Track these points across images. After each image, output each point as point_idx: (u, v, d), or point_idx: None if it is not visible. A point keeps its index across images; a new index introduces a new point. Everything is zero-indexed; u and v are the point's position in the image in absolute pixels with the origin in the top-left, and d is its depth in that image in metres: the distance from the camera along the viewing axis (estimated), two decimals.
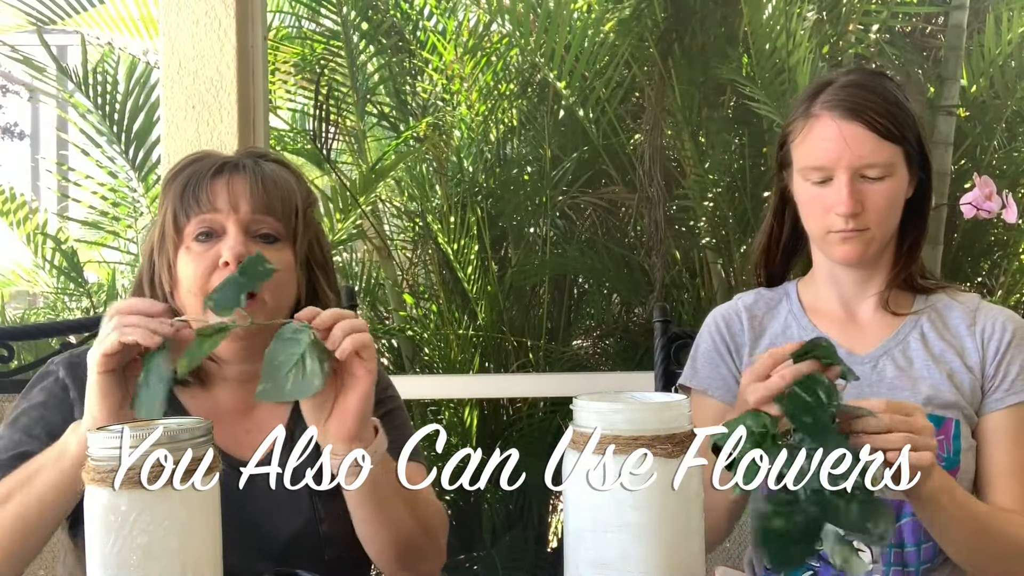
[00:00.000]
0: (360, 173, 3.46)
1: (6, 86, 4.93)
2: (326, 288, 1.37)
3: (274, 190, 1.30)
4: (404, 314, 3.58)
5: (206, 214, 1.27)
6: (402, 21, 3.48)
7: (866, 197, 1.37)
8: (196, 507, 0.92)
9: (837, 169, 1.37)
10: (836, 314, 1.49)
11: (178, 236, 1.28)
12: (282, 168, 1.36)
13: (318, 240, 1.38)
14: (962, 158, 3.37)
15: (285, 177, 1.34)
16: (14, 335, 1.76)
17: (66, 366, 1.32)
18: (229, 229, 1.27)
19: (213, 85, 2.26)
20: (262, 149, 1.40)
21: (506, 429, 3.41)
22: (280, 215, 1.30)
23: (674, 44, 3.33)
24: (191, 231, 1.27)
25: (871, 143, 1.36)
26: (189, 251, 1.27)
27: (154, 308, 1.09)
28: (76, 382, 1.29)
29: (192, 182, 1.29)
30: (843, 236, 1.39)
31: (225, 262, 1.24)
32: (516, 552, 3.28)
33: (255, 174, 1.30)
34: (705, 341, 1.54)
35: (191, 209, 1.27)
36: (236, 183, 1.29)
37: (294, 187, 1.34)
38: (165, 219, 1.30)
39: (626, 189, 3.36)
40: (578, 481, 0.94)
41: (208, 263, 1.26)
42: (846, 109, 1.37)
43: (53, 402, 1.30)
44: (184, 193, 1.28)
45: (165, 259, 1.29)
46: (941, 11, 3.35)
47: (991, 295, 3.32)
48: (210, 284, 1.25)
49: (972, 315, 1.46)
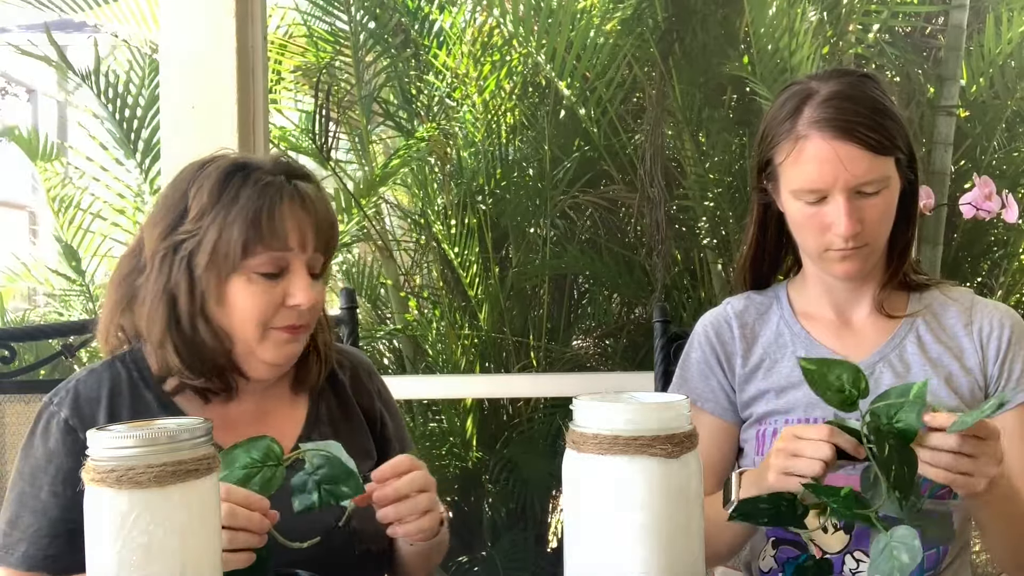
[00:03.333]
0: (365, 175, 3.47)
1: (6, 88, 4.93)
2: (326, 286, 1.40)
3: (330, 229, 1.30)
4: (410, 317, 3.59)
5: (276, 252, 1.24)
6: (409, 21, 3.48)
7: (863, 212, 1.33)
8: (196, 507, 0.92)
9: (833, 190, 1.32)
10: (829, 320, 1.47)
11: (242, 263, 1.24)
12: (320, 192, 1.32)
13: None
14: (962, 158, 3.37)
15: (329, 206, 1.32)
16: (15, 336, 1.76)
17: (69, 405, 1.27)
18: (296, 269, 1.26)
19: (213, 85, 2.26)
20: (294, 164, 1.34)
21: (506, 429, 3.41)
22: (332, 252, 1.32)
23: (675, 44, 3.34)
24: (256, 264, 1.24)
25: (866, 161, 1.31)
26: (251, 283, 1.24)
27: (259, 525, 1.07)
28: (83, 421, 1.26)
29: (265, 209, 1.23)
30: (843, 254, 1.35)
31: (295, 304, 1.25)
32: (516, 552, 3.28)
33: (316, 207, 1.27)
34: (695, 351, 1.52)
35: (264, 241, 1.23)
36: (303, 217, 1.26)
37: (335, 217, 1.33)
38: (228, 240, 1.23)
39: (627, 189, 3.37)
40: (577, 481, 0.93)
41: (276, 300, 1.25)
42: (837, 128, 1.31)
43: (60, 448, 1.25)
44: (255, 222, 1.23)
45: (215, 275, 1.24)
46: (941, 11, 3.35)
47: (991, 295, 3.31)
48: (274, 318, 1.25)
49: (968, 314, 1.44)
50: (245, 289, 1.25)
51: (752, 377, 1.47)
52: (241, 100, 2.27)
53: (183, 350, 1.27)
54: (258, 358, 1.28)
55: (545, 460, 3.24)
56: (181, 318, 1.26)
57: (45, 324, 3.56)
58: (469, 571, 3.35)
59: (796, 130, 1.35)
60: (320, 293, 1.30)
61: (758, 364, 1.47)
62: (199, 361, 1.27)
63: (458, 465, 3.44)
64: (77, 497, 1.15)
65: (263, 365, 1.29)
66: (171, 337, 1.27)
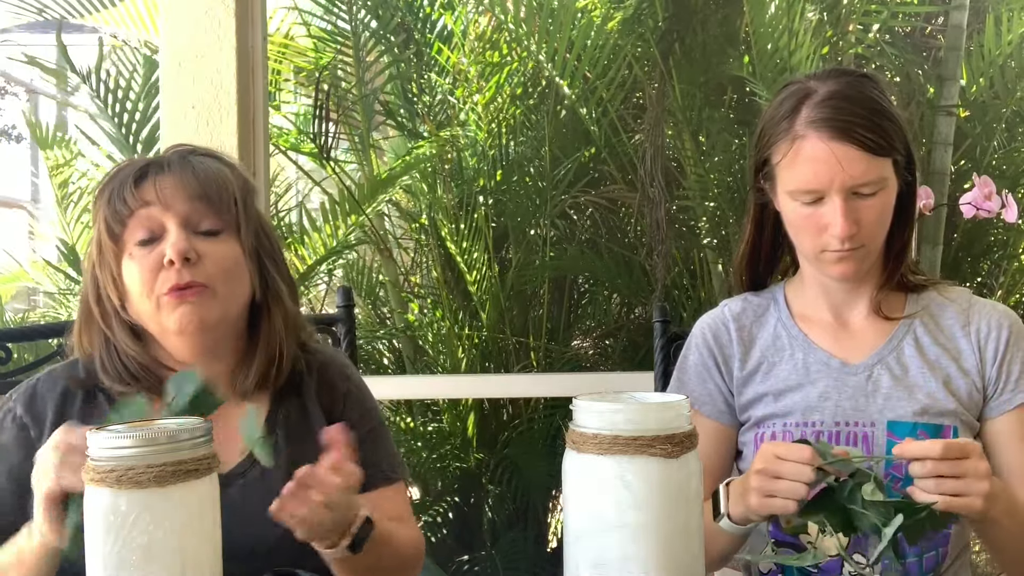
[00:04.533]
0: (366, 175, 3.47)
1: (6, 87, 4.93)
2: (277, 278, 1.34)
3: (207, 181, 1.27)
4: (412, 318, 3.59)
5: (140, 210, 1.24)
6: (411, 20, 3.48)
7: (859, 214, 1.32)
8: (195, 507, 0.92)
9: (830, 191, 1.31)
10: (827, 322, 1.46)
11: (117, 245, 1.25)
12: (213, 160, 1.32)
13: (264, 230, 1.35)
14: (962, 158, 3.37)
15: (216, 167, 1.30)
16: (13, 336, 1.76)
17: (23, 402, 1.30)
18: (169, 227, 1.24)
19: (213, 85, 2.26)
20: (191, 145, 1.36)
21: (506, 429, 3.41)
22: (219, 206, 1.27)
23: (675, 44, 3.34)
24: (130, 236, 1.25)
25: (863, 163, 1.30)
26: (132, 257, 1.25)
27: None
28: (35, 419, 1.28)
29: (118, 185, 1.26)
30: (839, 255, 1.34)
31: (170, 260, 1.22)
32: (516, 552, 3.28)
33: (183, 167, 1.27)
34: (693, 354, 1.51)
35: (122, 212, 1.24)
36: (164, 180, 1.26)
37: (228, 176, 1.30)
38: (100, 231, 1.26)
39: (627, 189, 3.37)
40: (578, 481, 0.93)
41: (153, 263, 1.23)
42: (835, 129, 1.30)
43: (12, 444, 1.27)
44: (111, 200, 1.25)
45: (108, 272, 1.27)
46: (941, 11, 3.35)
47: (991, 295, 3.32)
48: (158, 285, 1.23)
49: (966, 314, 1.43)
50: (130, 265, 1.25)
51: (750, 380, 1.46)
52: (241, 100, 2.27)
53: (105, 356, 1.29)
54: (166, 331, 1.26)
55: (545, 460, 3.24)
56: (98, 322, 1.29)
57: (41, 324, 3.56)
58: (469, 571, 3.35)
59: (793, 130, 1.34)
60: (217, 251, 1.26)
61: (756, 367, 1.46)
62: (119, 365, 1.28)
63: (458, 465, 3.44)
64: (21, 493, 1.18)
65: (174, 337, 1.27)
66: (94, 344, 1.29)
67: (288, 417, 1.36)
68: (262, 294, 1.33)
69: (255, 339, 1.34)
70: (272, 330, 1.33)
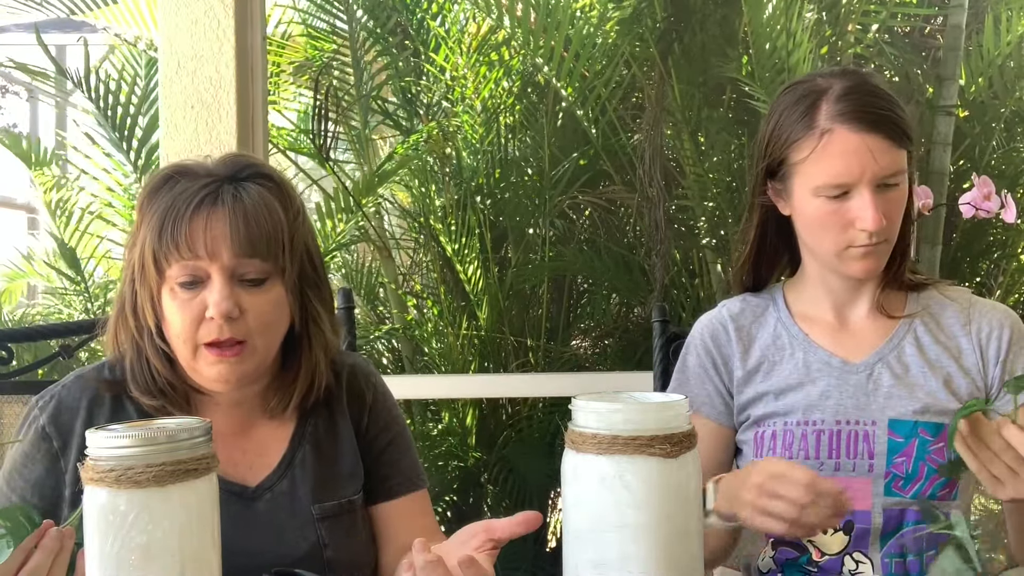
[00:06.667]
0: (364, 175, 3.46)
1: (6, 87, 4.93)
2: (318, 307, 1.31)
3: (256, 230, 1.21)
4: (410, 318, 3.59)
5: (188, 261, 1.20)
6: (408, 19, 3.48)
7: (886, 206, 1.32)
8: (195, 507, 0.92)
9: (859, 184, 1.31)
10: (827, 321, 1.46)
11: (160, 276, 1.22)
12: (265, 191, 1.24)
13: (308, 254, 1.30)
14: (961, 158, 3.37)
15: (269, 206, 1.23)
16: (14, 337, 1.76)
17: (49, 414, 1.27)
18: (214, 277, 1.20)
19: (212, 85, 2.26)
20: (244, 160, 1.29)
21: (505, 429, 3.41)
22: (266, 256, 1.22)
23: (674, 44, 3.34)
24: (173, 275, 1.21)
25: (892, 153, 1.31)
26: (174, 296, 1.22)
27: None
28: (59, 431, 1.26)
29: (169, 219, 1.20)
30: (864, 251, 1.34)
31: (211, 316, 1.19)
32: (516, 552, 3.28)
33: (235, 210, 1.21)
34: (692, 356, 1.51)
35: (171, 254, 1.20)
36: (216, 223, 1.20)
37: (280, 217, 1.24)
38: (144, 254, 1.22)
39: (626, 189, 3.37)
40: (577, 481, 0.93)
41: (195, 314, 1.20)
42: (864, 120, 1.31)
43: (36, 455, 1.26)
44: (162, 233, 1.20)
45: (148, 292, 1.23)
46: (940, 11, 3.35)
47: (990, 295, 3.32)
48: (198, 335, 1.21)
49: (966, 314, 1.43)
50: (170, 303, 1.22)
51: (751, 379, 1.46)
52: (240, 100, 2.27)
53: (136, 367, 1.26)
54: (201, 375, 1.24)
55: (544, 460, 3.24)
56: (132, 331, 1.26)
57: (43, 325, 3.55)
58: None
59: (818, 125, 1.33)
60: (259, 303, 1.22)
61: (756, 366, 1.47)
62: (148, 379, 1.26)
63: (457, 465, 3.44)
64: (44, 507, 1.18)
65: (209, 384, 1.25)
66: (127, 352, 1.27)
67: (316, 430, 1.34)
68: (302, 323, 1.29)
69: (290, 361, 1.31)
70: (311, 359, 1.31)
